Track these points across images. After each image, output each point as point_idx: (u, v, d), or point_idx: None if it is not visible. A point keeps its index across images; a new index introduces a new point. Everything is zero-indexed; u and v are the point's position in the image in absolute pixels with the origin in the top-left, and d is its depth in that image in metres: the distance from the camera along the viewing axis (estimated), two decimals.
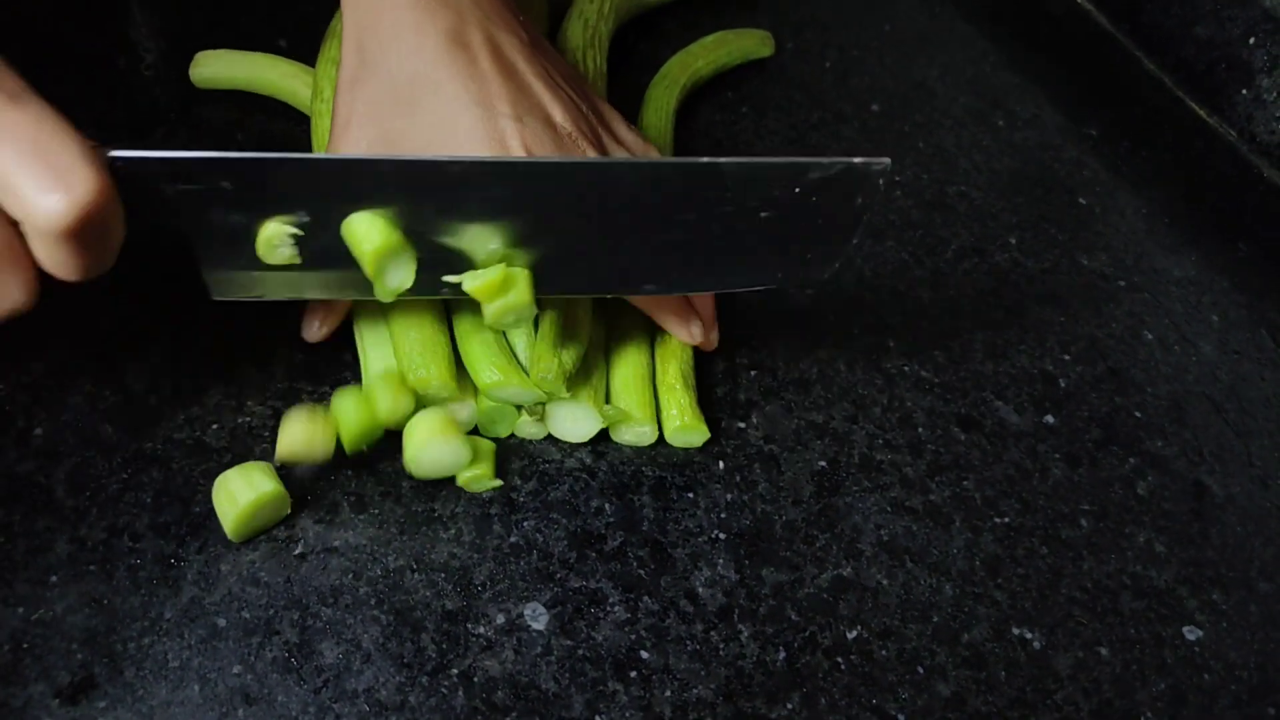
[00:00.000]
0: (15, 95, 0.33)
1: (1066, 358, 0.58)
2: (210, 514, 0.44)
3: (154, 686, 0.39)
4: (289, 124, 0.60)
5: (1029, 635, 0.47)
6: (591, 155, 0.47)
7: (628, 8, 0.68)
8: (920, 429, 0.53)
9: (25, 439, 0.45)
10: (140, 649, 0.40)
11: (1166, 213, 0.68)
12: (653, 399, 0.49)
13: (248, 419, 0.47)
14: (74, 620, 0.40)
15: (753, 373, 0.54)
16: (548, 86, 0.48)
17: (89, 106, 0.59)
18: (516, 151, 0.44)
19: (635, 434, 0.49)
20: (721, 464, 0.50)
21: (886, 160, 0.41)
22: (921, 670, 0.45)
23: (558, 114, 0.47)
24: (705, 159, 0.40)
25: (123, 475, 0.44)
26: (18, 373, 0.46)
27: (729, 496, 0.49)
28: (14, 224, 0.34)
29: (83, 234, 0.34)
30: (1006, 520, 0.51)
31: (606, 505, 0.48)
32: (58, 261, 0.35)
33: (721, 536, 0.48)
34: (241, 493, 0.42)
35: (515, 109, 0.45)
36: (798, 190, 0.41)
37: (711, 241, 0.43)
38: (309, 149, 0.56)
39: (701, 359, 0.53)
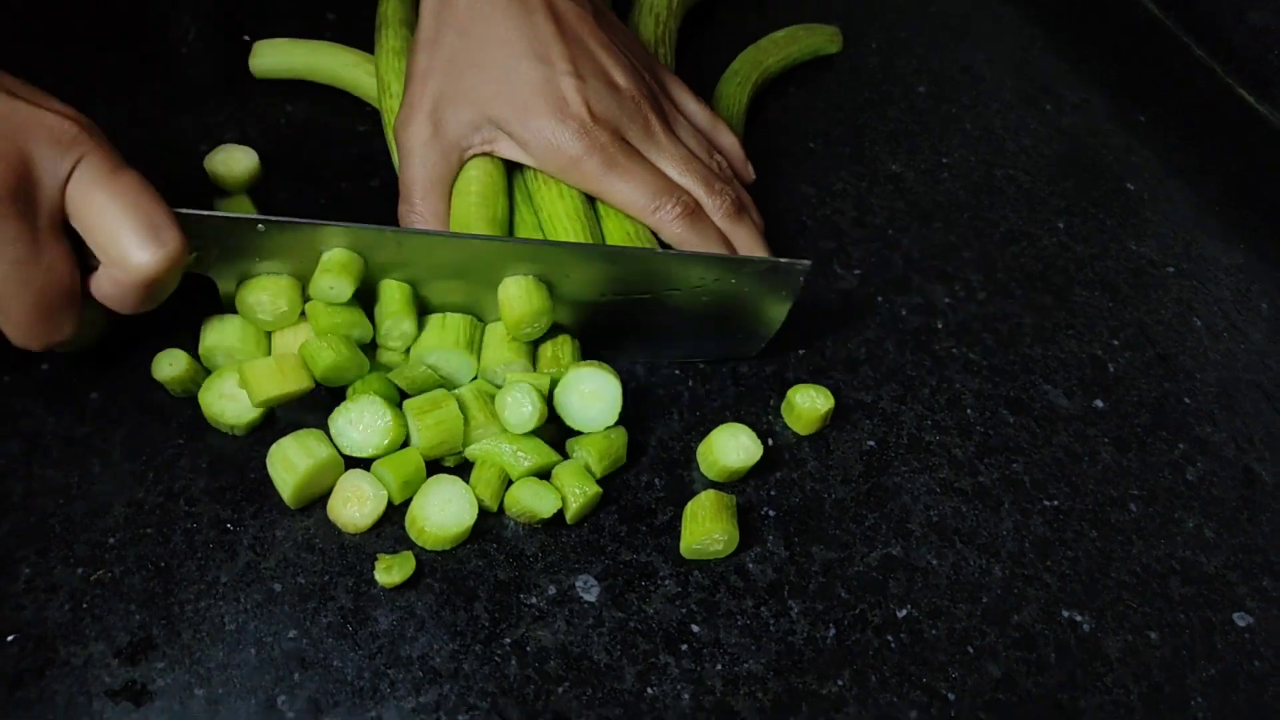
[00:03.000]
0: (119, 166, 0.40)
1: (1115, 343, 0.58)
2: (264, 480, 0.44)
3: (211, 649, 0.40)
4: (328, 108, 0.60)
5: (1079, 618, 0.47)
6: (653, 118, 0.49)
7: None
8: (969, 411, 0.53)
9: (82, 403, 0.45)
10: (197, 612, 0.41)
11: (1216, 200, 0.67)
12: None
13: None
14: (132, 582, 0.41)
15: (800, 351, 0.54)
16: (609, 52, 0.49)
17: (136, 81, 0.59)
18: (576, 107, 0.47)
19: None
20: (770, 441, 0.50)
21: (807, 262, 0.47)
22: (971, 650, 0.45)
23: (620, 77, 0.49)
24: (660, 250, 0.47)
25: (178, 440, 0.45)
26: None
27: (778, 474, 0.49)
28: (78, 270, 0.40)
29: (160, 281, 0.40)
30: (1056, 503, 0.50)
31: (656, 480, 0.48)
32: (127, 301, 0.41)
33: (771, 513, 0.48)
34: (299, 459, 0.42)
35: (574, 66, 0.48)
36: (733, 280, 0.47)
37: (662, 319, 0.48)
38: (348, 134, 0.58)
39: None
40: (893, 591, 0.46)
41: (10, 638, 0.39)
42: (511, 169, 0.51)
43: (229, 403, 0.44)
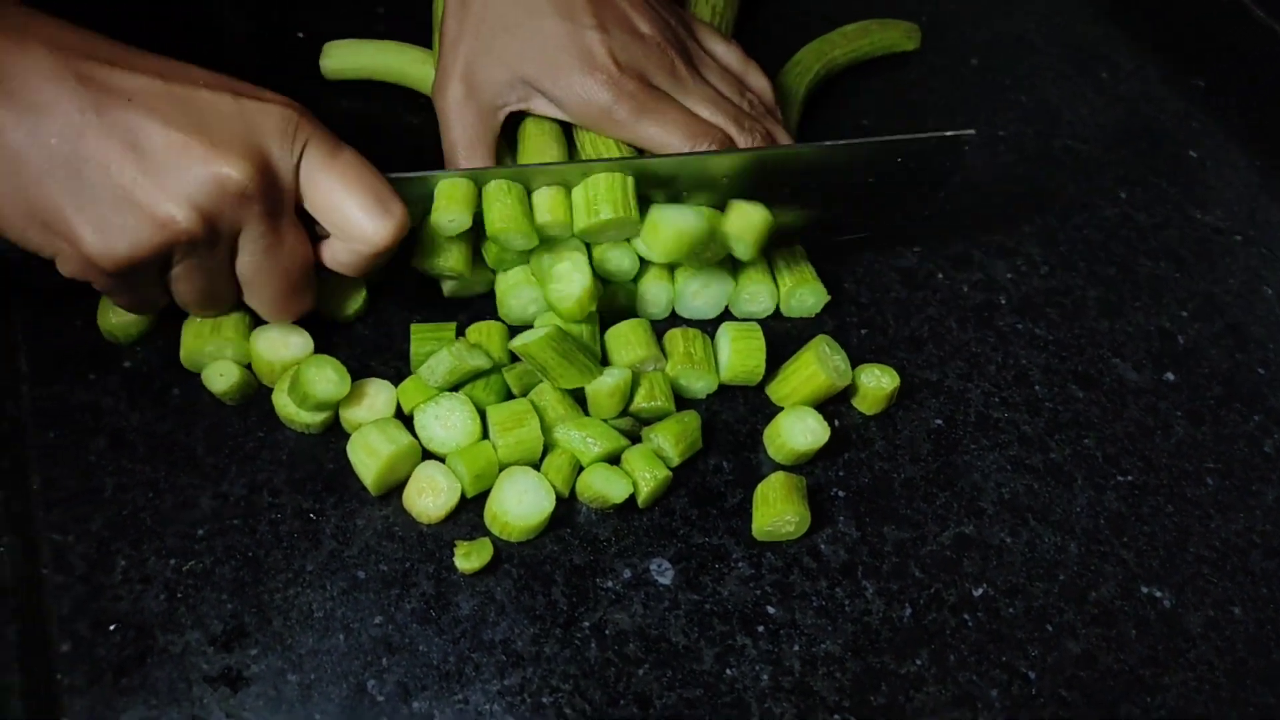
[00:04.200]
0: (338, 145, 0.42)
1: (1184, 314, 0.57)
2: (342, 470, 0.45)
3: (301, 635, 0.41)
4: (380, 103, 0.60)
5: (1158, 594, 0.46)
6: (679, 63, 0.51)
7: None
8: (1037, 386, 0.53)
9: (164, 399, 0.46)
10: (286, 600, 0.42)
11: None
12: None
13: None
14: (222, 571, 0.42)
15: (863, 331, 0.54)
16: (632, 3, 0.50)
17: None
18: (602, 59, 0.48)
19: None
20: (836, 422, 0.50)
21: (970, 132, 0.49)
22: (1050, 628, 0.45)
23: (644, 25, 0.50)
24: (834, 142, 0.49)
25: (258, 434, 0.46)
26: (154, 335, 0.47)
27: (846, 455, 0.49)
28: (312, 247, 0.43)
29: (393, 248, 0.43)
30: (1130, 478, 0.50)
31: (724, 463, 0.48)
32: (360, 268, 0.43)
33: (841, 494, 0.48)
34: (381, 445, 0.43)
35: (599, 19, 0.49)
36: (899, 160, 0.50)
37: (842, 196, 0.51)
38: (402, 127, 0.59)
39: (810, 317, 0.53)
40: (967, 570, 0.46)
41: (112, 627, 0.40)
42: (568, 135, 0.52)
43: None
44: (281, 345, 0.46)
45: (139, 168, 0.38)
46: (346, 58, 0.59)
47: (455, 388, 0.46)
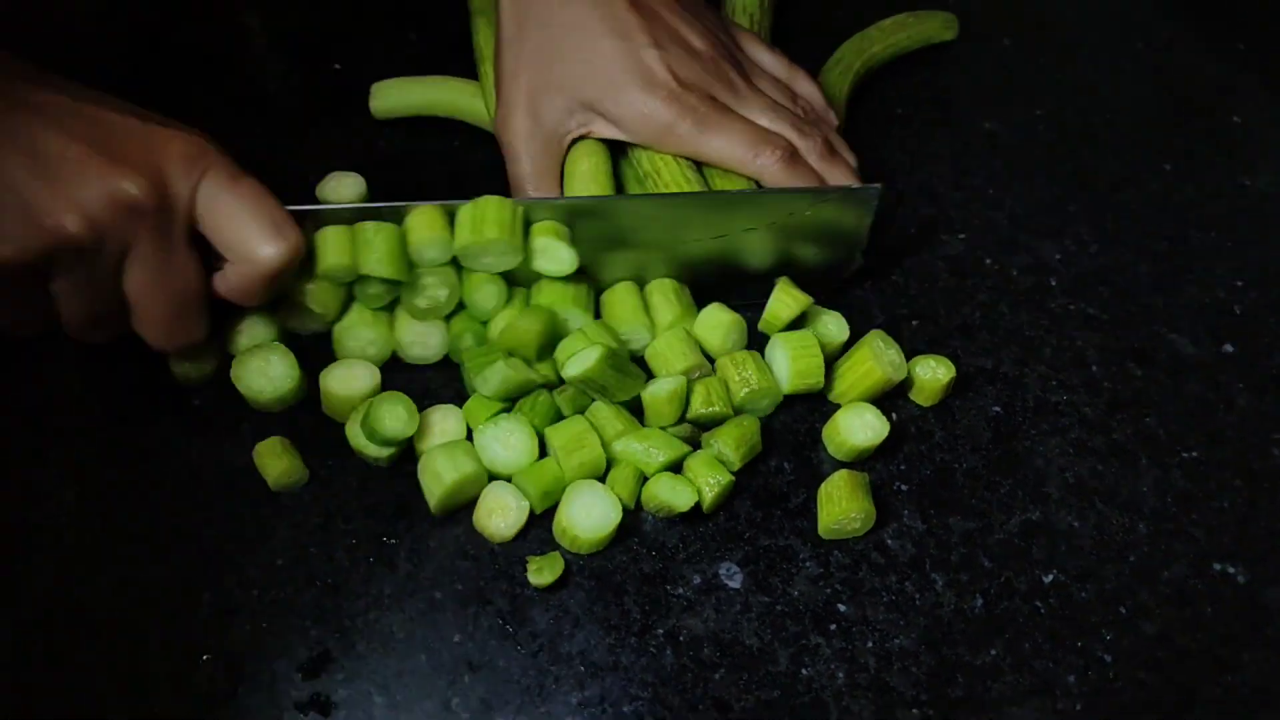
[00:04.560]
0: (239, 173, 0.43)
1: (1239, 284, 0.56)
2: (412, 494, 0.46)
3: (385, 658, 0.42)
4: (417, 131, 0.61)
5: (1231, 570, 0.46)
6: (734, 74, 0.51)
7: None
8: (1094, 367, 0.52)
9: (236, 434, 0.47)
10: (367, 623, 0.43)
11: None
12: None
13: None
14: (304, 599, 0.43)
15: (914, 322, 0.54)
16: (682, 18, 0.51)
17: (234, 120, 0.62)
18: (662, 76, 0.49)
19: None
20: (894, 416, 0.50)
21: (878, 186, 0.49)
22: (1124, 610, 0.44)
23: (696, 40, 0.51)
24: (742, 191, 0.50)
25: (328, 462, 0.47)
26: (223, 369, 0.48)
27: (905, 448, 0.49)
28: (205, 273, 0.44)
29: (284, 273, 0.44)
30: (1195, 454, 0.49)
31: (785, 464, 0.48)
32: (252, 294, 0.44)
33: (903, 488, 0.48)
34: (446, 471, 0.44)
35: (654, 37, 0.49)
36: (819, 207, 0.49)
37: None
38: (444, 153, 0.60)
39: (862, 310, 0.53)
40: (1036, 557, 0.46)
41: (204, 658, 0.41)
42: (617, 156, 0.52)
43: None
44: (352, 380, 0.47)
45: (33, 173, 0.39)
46: (395, 97, 0.59)
47: (510, 400, 0.47)
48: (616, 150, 0.52)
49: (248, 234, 0.43)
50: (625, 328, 0.49)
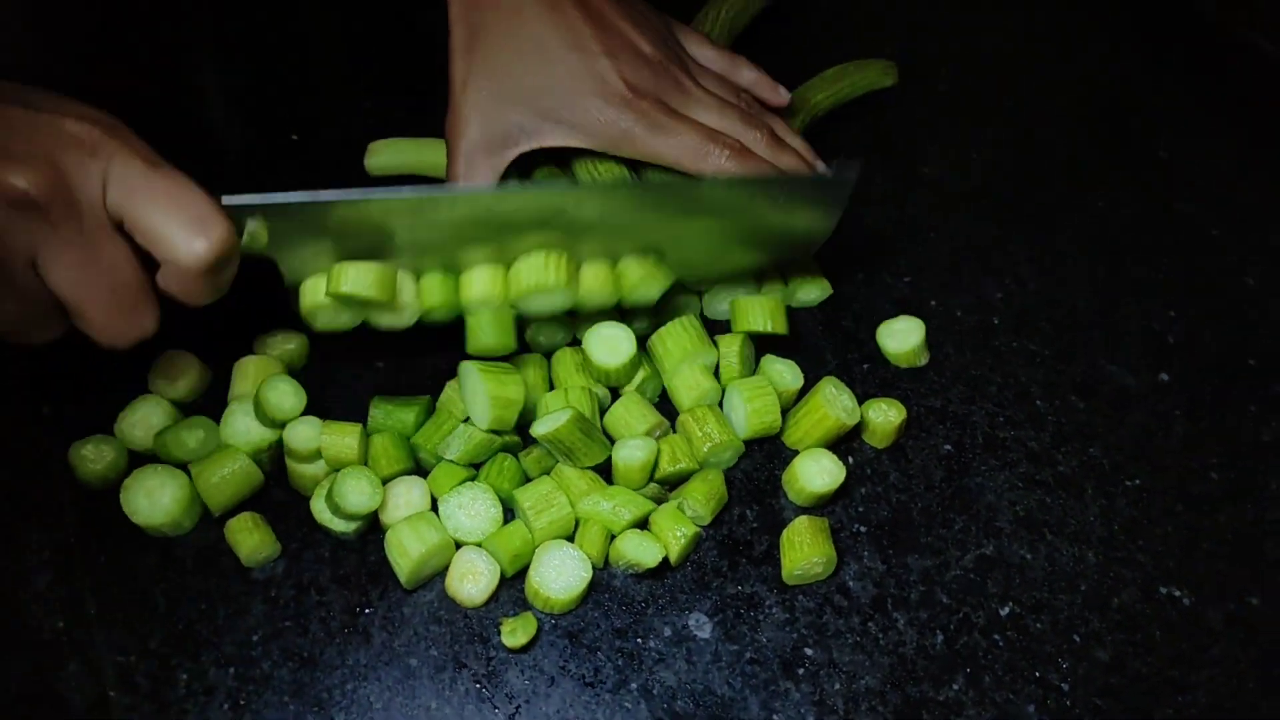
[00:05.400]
0: (155, 163, 0.41)
1: (1172, 313, 0.59)
2: (382, 560, 0.47)
3: None
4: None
5: (1177, 593, 0.48)
6: (682, 76, 0.53)
7: (740, 21, 0.68)
8: (1038, 402, 0.54)
9: (205, 513, 0.48)
10: (345, 695, 0.43)
11: (1255, 148, 0.68)
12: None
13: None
14: (281, 674, 0.44)
15: (865, 366, 0.55)
16: (633, 25, 0.53)
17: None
18: (616, 85, 0.50)
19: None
20: (850, 459, 0.52)
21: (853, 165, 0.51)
22: (1078, 639, 0.46)
23: (645, 46, 0.53)
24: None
25: (299, 533, 0.48)
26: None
27: (862, 490, 0.51)
28: (144, 267, 0.42)
29: (215, 269, 0.42)
30: (1138, 482, 0.52)
31: (748, 511, 0.50)
32: (191, 292, 0.43)
33: (862, 529, 0.49)
34: (412, 545, 0.44)
35: (606, 46, 0.51)
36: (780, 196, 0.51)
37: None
38: None
39: (815, 356, 0.55)
40: (992, 591, 0.47)
41: None
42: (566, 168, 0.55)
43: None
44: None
45: None
46: (390, 155, 0.61)
47: (475, 465, 0.48)
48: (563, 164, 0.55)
49: (170, 229, 0.40)
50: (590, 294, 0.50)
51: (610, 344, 0.50)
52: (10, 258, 0.39)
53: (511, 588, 0.46)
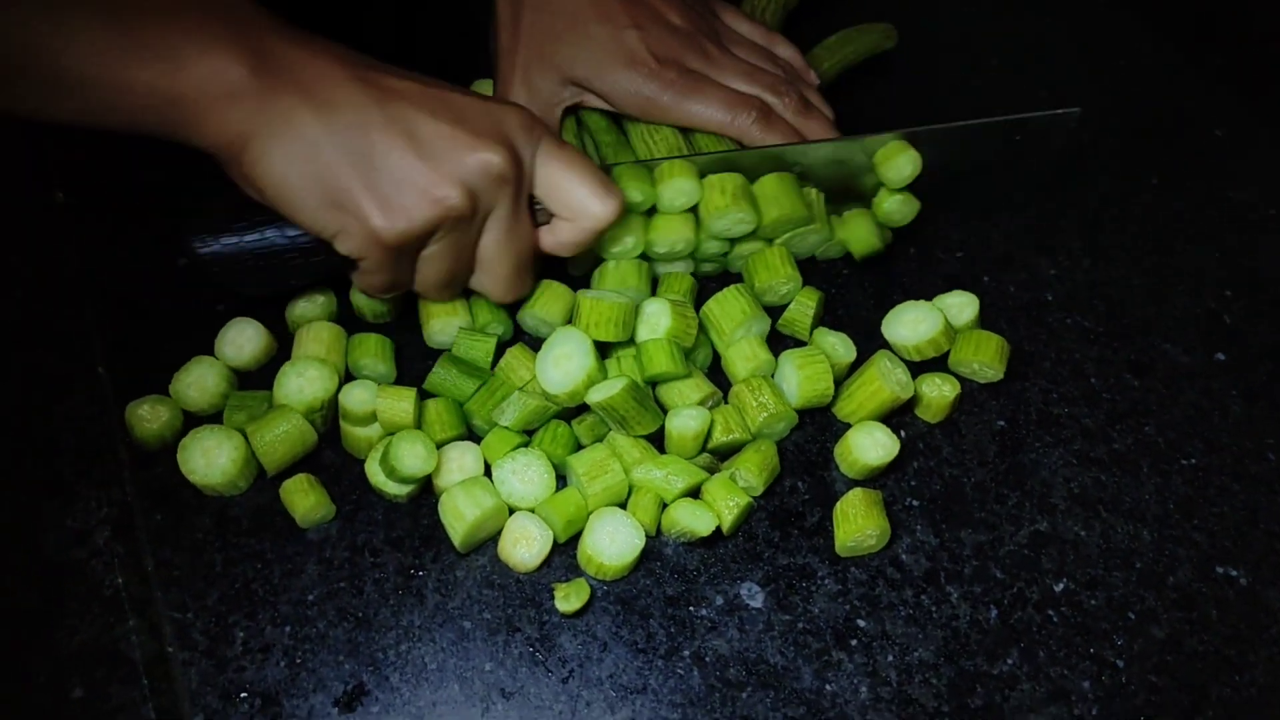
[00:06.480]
0: (564, 142, 0.47)
1: (1228, 294, 0.58)
2: (436, 525, 0.47)
3: (418, 689, 0.43)
4: None
5: (1234, 573, 0.47)
6: (710, 45, 0.55)
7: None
8: (1092, 379, 0.54)
9: (261, 475, 0.48)
10: (399, 655, 0.44)
11: None
12: None
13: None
14: (336, 634, 0.44)
15: None
16: None
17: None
18: (642, 55, 0.53)
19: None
20: (903, 433, 0.51)
21: (1076, 110, 0.54)
22: (1133, 616, 0.46)
23: (675, 17, 0.55)
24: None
25: (353, 496, 0.48)
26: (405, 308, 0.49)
27: (915, 464, 0.50)
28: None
29: (609, 228, 0.48)
30: (1194, 461, 0.51)
31: (799, 483, 0.49)
32: (581, 247, 0.49)
33: (915, 503, 0.49)
34: (467, 509, 0.44)
35: (634, 19, 0.53)
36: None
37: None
38: None
39: (865, 332, 0.55)
40: (1046, 567, 0.47)
41: (242, 695, 0.42)
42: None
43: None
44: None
45: (417, 154, 0.43)
46: None
47: (529, 432, 0.48)
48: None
49: (582, 194, 0.46)
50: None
51: (561, 362, 0.48)
52: (475, 223, 0.45)
53: (563, 554, 0.46)
